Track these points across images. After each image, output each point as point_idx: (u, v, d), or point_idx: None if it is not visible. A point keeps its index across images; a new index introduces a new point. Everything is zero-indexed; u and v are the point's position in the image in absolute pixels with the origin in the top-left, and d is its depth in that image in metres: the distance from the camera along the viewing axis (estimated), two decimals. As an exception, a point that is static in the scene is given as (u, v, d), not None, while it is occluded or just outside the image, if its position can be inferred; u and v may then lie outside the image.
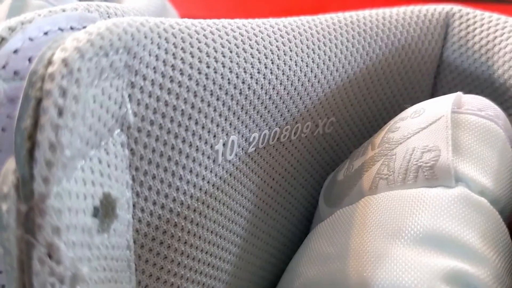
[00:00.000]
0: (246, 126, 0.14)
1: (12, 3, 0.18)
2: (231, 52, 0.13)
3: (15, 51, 0.10)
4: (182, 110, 0.12)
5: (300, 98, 0.16)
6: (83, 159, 0.09)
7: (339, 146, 0.19)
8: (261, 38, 0.14)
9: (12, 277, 0.09)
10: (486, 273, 0.12)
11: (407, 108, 0.16)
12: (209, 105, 0.13)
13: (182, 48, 0.12)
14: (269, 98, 0.14)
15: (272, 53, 0.14)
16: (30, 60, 0.10)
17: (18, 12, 0.18)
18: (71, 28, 0.11)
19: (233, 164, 0.14)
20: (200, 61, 0.12)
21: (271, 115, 0.15)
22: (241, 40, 0.13)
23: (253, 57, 0.14)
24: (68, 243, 0.09)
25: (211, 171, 0.14)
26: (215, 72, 0.13)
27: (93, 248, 0.10)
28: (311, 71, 0.15)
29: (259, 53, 0.14)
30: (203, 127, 0.13)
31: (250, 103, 0.14)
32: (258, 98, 0.14)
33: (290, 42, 0.15)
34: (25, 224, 0.08)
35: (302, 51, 0.15)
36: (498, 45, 0.18)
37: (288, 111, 0.15)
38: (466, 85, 0.19)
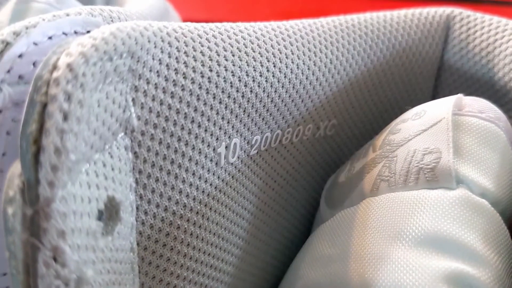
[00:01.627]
0: (248, 129, 0.14)
1: (15, 7, 0.18)
2: (233, 55, 0.13)
3: (20, 56, 0.10)
4: (185, 113, 0.12)
5: (302, 100, 0.16)
6: (88, 162, 0.09)
7: (340, 148, 0.19)
8: (263, 41, 0.14)
9: (17, 280, 0.09)
10: (487, 274, 0.12)
11: (408, 110, 0.16)
12: (211, 108, 0.13)
13: (185, 52, 0.12)
14: (271, 100, 0.14)
15: (274, 56, 0.14)
16: (34, 64, 0.11)
17: (21, 16, 0.18)
18: (75, 33, 0.11)
19: (235, 167, 0.14)
20: (202, 65, 0.12)
21: (273, 118, 0.15)
22: (243, 44, 0.14)
23: (255, 60, 0.14)
24: (73, 246, 0.09)
25: (213, 174, 0.14)
26: (218, 76, 0.13)
27: (98, 251, 0.10)
28: (313, 74, 0.16)
29: (261, 56, 0.14)
30: (205, 130, 0.13)
31: (252, 106, 0.14)
32: (260, 101, 0.14)
33: (292, 45, 0.15)
34: (31, 228, 0.08)
35: (304, 54, 0.15)
36: (498, 47, 0.18)
37: (290, 113, 0.15)
38: (467, 87, 0.19)
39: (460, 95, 0.15)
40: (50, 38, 0.11)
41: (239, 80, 0.13)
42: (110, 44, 0.09)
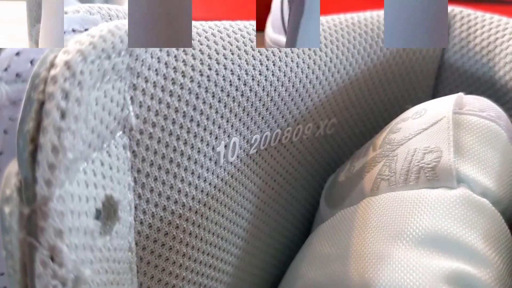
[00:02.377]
0: (247, 128, 0.14)
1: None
2: (232, 54, 0.13)
3: (17, 54, 0.10)
4: (184, 112, 0.12)
5: (302, 99, 0.16)
6: (86, 161, 0.09)
7: (340, 147, 0.19)
8: (263, 39, 0.14)
9: (14, 279, 0.09)
10: (488, 274, 0.12)
11: (408, 109, 0.16)
12: (210, 107, 0.13)
13: (183, 50, 0.12)
14: (271, 99, 0.14)
15: (274, 55, 0.14)
16: (32, 62, 0.10)
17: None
18: (73, 31, 0.11)
19: (234, 166, 0.14)
20: (201, 63, 0.12)
21: (272, 117, 0.15)
22: (243, 42, 0.13)
23: (254, 59, 0.14)
24: (70, 246, 0.09)
25: (212, 173, 0.14)
26: (217, 74, 0.13)
27: (95, 250, 0.10)
28: (313, 73, 0.15)
29: (261, 54, 0.14)
30: (204, 129, 0.13)
31: (252, 104, 0.14)
32: (260, 99, 0.14)
33: (292, 44, 0.15)
34: (28, 227, 0.08)
35: (304, 53, 0.15)
36: (499, 46, 0.18)
37: (290, 112, 0.15)
38: (467, 86, 0.19)
39: (460, 94, 0.15)
40: (48, 36, 0.11)
41: (239, 79, 0.13)
42: (108, 42, 0.09)
